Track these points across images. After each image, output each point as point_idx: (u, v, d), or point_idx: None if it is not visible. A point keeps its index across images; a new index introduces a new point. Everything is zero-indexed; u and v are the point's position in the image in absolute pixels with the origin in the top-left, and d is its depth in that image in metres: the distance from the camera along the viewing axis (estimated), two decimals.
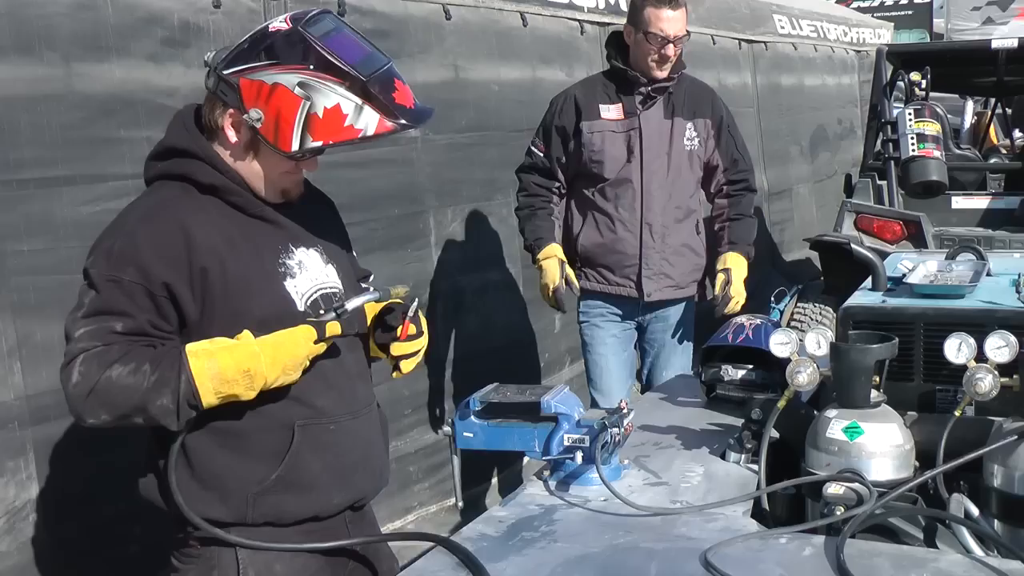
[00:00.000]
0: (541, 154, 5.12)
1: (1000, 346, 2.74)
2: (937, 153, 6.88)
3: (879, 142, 7.88)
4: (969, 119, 13.18)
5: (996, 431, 2.74)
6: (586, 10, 7.56)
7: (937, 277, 3.56)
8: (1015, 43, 7.66)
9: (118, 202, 4.02)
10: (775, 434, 3.12)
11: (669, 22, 4.79)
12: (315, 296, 2.75)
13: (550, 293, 5.01)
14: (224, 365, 2.50)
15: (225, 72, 2.60)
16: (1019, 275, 3.41)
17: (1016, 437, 2.67)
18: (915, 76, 7.28)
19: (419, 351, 2.98)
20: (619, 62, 4.96)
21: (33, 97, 3.86)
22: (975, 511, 2.69)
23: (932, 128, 6.91)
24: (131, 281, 2.51)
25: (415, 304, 2.91)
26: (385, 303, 2.91)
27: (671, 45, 4.83)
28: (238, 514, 2.67)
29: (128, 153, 4.13)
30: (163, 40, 4.33)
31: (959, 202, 7.74)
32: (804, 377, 2.91)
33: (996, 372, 2.73)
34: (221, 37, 4.54)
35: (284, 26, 2.60)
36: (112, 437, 3.87)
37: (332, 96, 2.52)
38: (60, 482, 3.95)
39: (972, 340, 2.78)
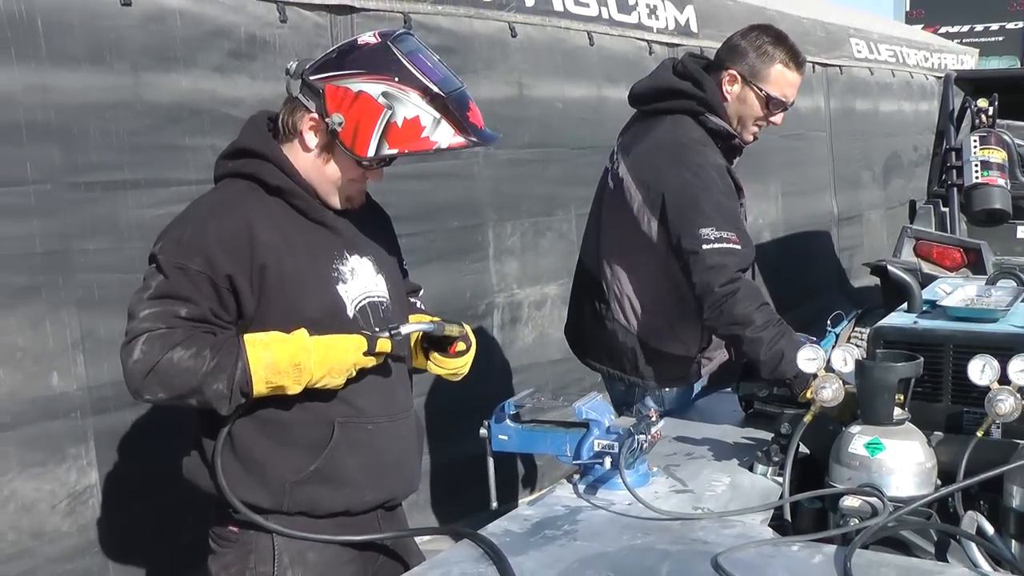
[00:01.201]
0: (740, 246, 3.75)
1: (1022, 369, 2.80)
2: (1002, 181, 6.86)
3: (943, 169, 7.85)
4: None
5: (1018, 453, 2.79)
6: (655, 31, 7.66)
7: (974, 301, 3.60)
8: None
9: (181, 206, 4.08)
10: (805, 449, 3.21)
11: (794, 88, 3.97)
12: (364, 303, 2.88)
13: None
14: (278, 356, 2.63)
15: (312, 78, 2.72)
16: None
17: None
18: (982, 103, 7.26)
19: (465, 363, 3.13)
20: (716, 115, 3.92)
21: (103, 105, 4.02)
22: (990, 529, 2.74)
23: (998, 156, 6.90)
24: (197, 270, 2.64)
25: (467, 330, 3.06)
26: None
27: (783, 114, 4.03)
28: (275, 501, 2.79)
29: (192, 160, 4.30)
30: (229, 52, 4.49)
31: None
32: (829, 392, 2.98)
33: (1018, 394, 2.80)
34: (287, 50, 4.70)
35: (373, 40, 2.74)
36: (168, 428, 4.03)
37: (412, 108, 2.64)
38: (119, 469, 4.11)
39: (996, 362, 2.83)
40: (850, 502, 2.78)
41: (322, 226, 2.85)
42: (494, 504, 3.13)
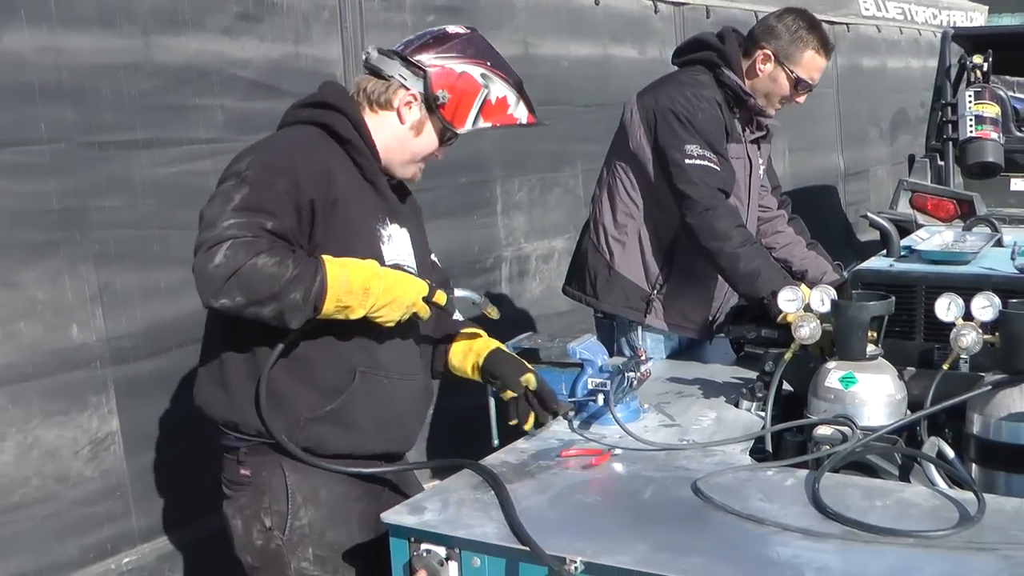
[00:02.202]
0: (719, 168, 4.05)
1: (984, 306, 2.97)
2: (995, 135, 6.96)
3: (940, 124, 7.98)
4: None
5: (980, 384, 2.96)
6: None
7: (950, 246, 3.76)
8: None
9: (192, 164, 4.36)
10: (788, 387, 3.39)
11: (821, 71, 4.21)
12: (395, 267, 3.01)
13: None
14: (352, 276, 2.77)
15: (414, 58, 2.99)
16: (1014, 243, 3.61)
17: (991, 387, 2.90)
18: (977, 59, 7.36)
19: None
20: (738, 80, 4.16)
21: (114, 66, 4.12)
22: (951, 453, 2.92)
23: (991, 110, 7.00)
24: (283, 191, 2.77)
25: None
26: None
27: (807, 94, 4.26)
28: (287, 433, 2.93)
29: (202, 119, 4.43)
30: (237, 15, 4.60)
31: (1018, 184, 7.84)
32: (807, 331, 3.16)
33: (980, 330, 2.96)
34: (294, 12, 4.84)
35: (463, 30, 3.09)
36: (186, 378, 4.24)
37: (503, 89, 3.02)
38: (139, 417, 4.24)
39: (961, 300, 3.01)
40: (822, 431, 2.96)
41: (373, 187, 3.02)
42: (495, 441, 3.27)
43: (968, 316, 2.99)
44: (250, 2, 4.66)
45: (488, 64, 3.01)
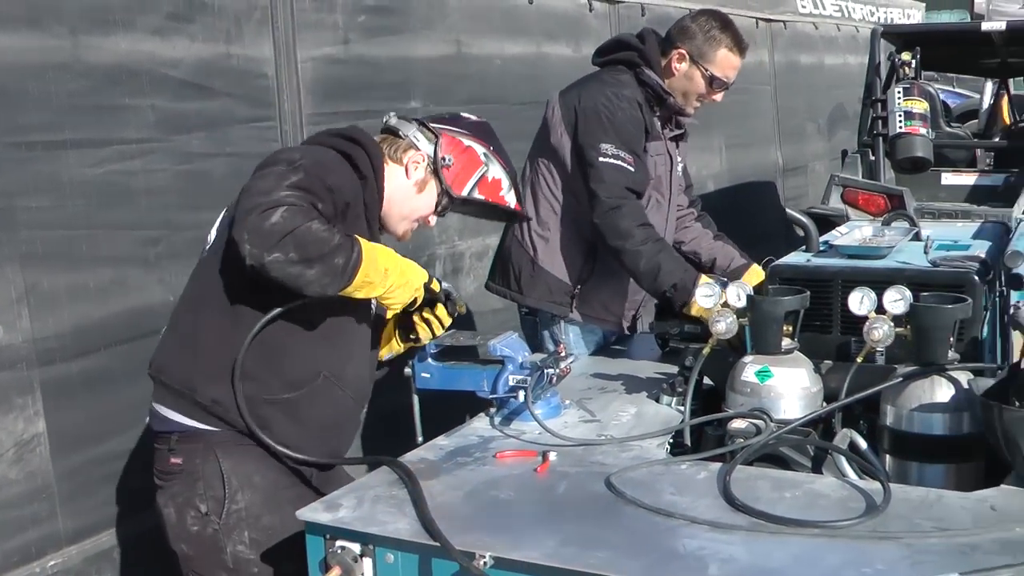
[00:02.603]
0: (633, 168, 4.13)
1: (896, 299, 3.03)
2: (923, 130, 7.09)
3: (871, 119, 8.09)
4: (988, 100, 13.29)
5: (892, 376, 3.02)
6: None
7: (867, 240, 3.82)
8: (1003, 26, 7.85)
9: (122, 164, 4.35)
10: (709, 381, 3.44)
11: (735, 70, 4.33)
12: None
13: None
14: (380, 256, 3.00)
15: (430, 124, 3.32)
16: (927, 238, 3.68)
17: (902, 379, 2.96)
18: (905, 56, 7.49)
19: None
20: (658, 79, 4.27)
21: (41, 66, 4.09)
22: (863, 444, 2.98)
23: (920, 106, 7.12)
24: (328, 187, 2.95)
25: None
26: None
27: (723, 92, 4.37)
28: (235, 409, 3.02)
29: (132, 120, 4.39)
30: (168, 15, 4.57)
31: (948, 178, 7.97)
32: (723, 326, 3.21)
33: (892, 323, 3.02)
34: (225, 13, 4.82)
35: (475, 118, 3.48)
36: (114, 378, 4.24)
37: (500, 172, 3.38)
38: (66, 418, 4.19)
39: (873, 294, 3.07)
40: (737, 424, 3.02)
41: (369, 229, 3.18)
42: (419, 439, 3.33)
43: (881, 309, 3.05)
44: (181, 2, 4.63)
45: (491, 148, 3.36)
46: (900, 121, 7.09)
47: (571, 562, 2.30)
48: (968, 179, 7.97)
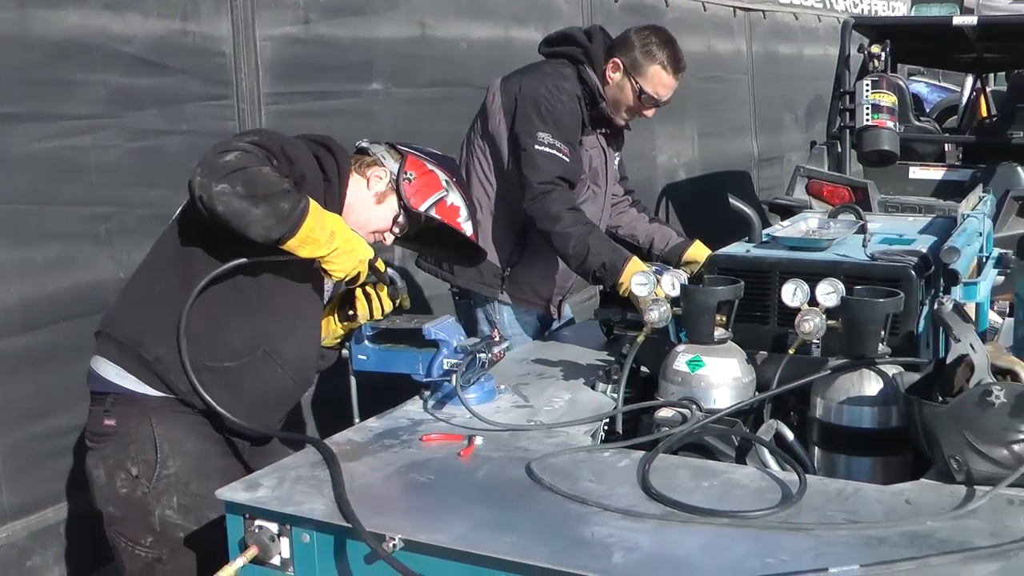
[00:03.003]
0: (568, 159, 4.17)
1: (828, 292, 3.03)
2: (891, 124, 7.11)
3: (839, 111, 8.12)
4: (967, 94, 13.31)
5: (823, 368, 3.02)
6: None
7: (812, 232, 3.82)
8: (975, 21, 7.86)
9: (71, 140, 4.34)
10: (646, 369, 3.44)
11: (668, 89, 4.35)
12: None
13: None
14: (327, 217, 3.02)
15: (399, 145, 3.43)
16: (868, 232, 3.67)
17: (832, 372, 2.96)
18: (875, 48, 7.51)
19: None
20: (597, 81, 4.31)
21: None
22: (790, 435, 2.99)
23: (888, 99, 7.14)
24: (287, 155, 3.01)
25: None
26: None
27: (655, 109, 4.42)
28: (180, 369, 3.03)
29: (82, 95, 4.39)
30: None
31: (916, 172, 8.01)
32: (656, 314, 3.21)
33: (824, 315, 3.02)
34: None
35: (446, 155, 3.57)
36: (61, 355, 4.23)
37: (459, 201, 3.44)
38: (11, 394, 4.22)
39: (807, 286, 3.07)
40: (663, 413, 3.02)
41: None
42: (356, 421, 3.33)
43: (814, 302, 3.05)
44: None
45: (454, 180, 3.45)
46: (867, 114, 7.12)
47: (479, 546, 2.30)
48: (936, 174, 8.01)
